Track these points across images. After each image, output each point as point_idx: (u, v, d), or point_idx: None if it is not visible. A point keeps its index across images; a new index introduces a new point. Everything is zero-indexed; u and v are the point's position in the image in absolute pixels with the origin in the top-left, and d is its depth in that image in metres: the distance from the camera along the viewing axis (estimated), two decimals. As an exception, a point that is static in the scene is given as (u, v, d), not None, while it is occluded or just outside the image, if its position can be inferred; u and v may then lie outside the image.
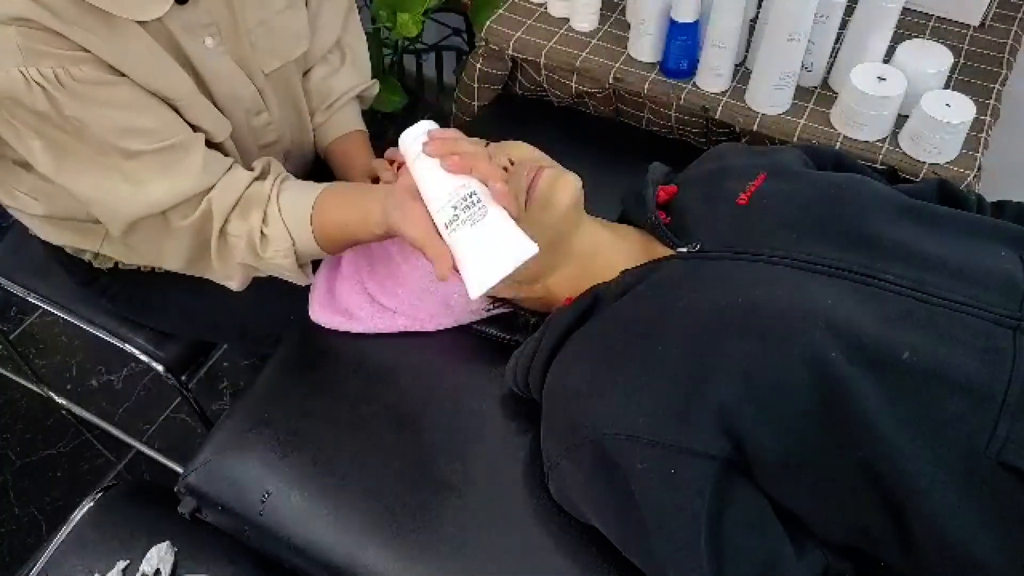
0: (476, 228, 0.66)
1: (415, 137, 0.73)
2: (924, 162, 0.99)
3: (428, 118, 0.76)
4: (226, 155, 0.86)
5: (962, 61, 1.12)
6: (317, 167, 1.09)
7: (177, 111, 0.80)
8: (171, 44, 0.79)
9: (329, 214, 0.80)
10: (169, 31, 0.78)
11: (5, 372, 1.66)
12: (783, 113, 1.06)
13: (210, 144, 0.84)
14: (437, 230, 0.69)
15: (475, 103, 1.28)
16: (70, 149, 0.75)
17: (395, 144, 0.95)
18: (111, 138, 0.74)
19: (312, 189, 0.83)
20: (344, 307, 0.92)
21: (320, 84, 1.02)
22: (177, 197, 0.79)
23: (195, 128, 0.82)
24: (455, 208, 0.67)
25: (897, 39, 1.08)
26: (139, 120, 0.76)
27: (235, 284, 0.88)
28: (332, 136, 1.04)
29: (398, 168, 0.89)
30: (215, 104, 0.85)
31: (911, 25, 1.18)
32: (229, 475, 0.82)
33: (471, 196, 0.67)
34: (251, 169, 0.85)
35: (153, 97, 0.77)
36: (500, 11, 1.22)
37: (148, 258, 0.89)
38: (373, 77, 1.10)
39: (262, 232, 0.81)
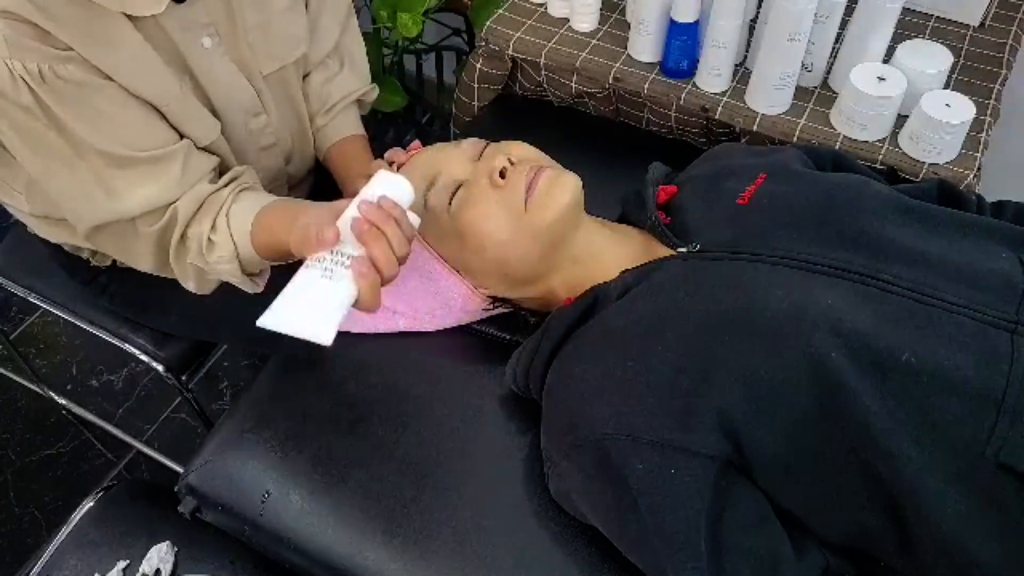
0: (319, 280, 0.66)
1: (382, 185, 0.71)
2: (924, 162, 0.99)
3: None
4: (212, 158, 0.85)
5: (962, 61, 1.12)
6: (320, 171, 1.09)
7: (164, 117, 0.79)
8: (166, 44, 0.78)
9: (265, 224, 0.80)
10: (165, 31, 0.77)
11: (5, 372, 1.66)
12: (783, 113, 1.06)
13: (196, 148, 0.83)
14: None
15: (475, 103, 1.28)
16: (49, 146, 0.75)
17: (395, 144, 0.95)
18: (91, 141, 0.74)
19: (262, 201, 0.82)
20: (344, 307, 0.92)
21: (319, 89, 1.02)
22: (147, 206, 0.79)
23: (180, 134, 0.81)
24: (332, 253, 0.67)
25: (897, 39, 1.08)
26: (121, 127, 0.75)
27: (192, 285, 0.87)
28: (331, 140, 1.04)
29: (398, 169, 0.89)
30: (212, 106, 0.85)
31: (911, 25, 1.18)
32: (229, 475, 0.82)
33: (348, 259, 0.67)
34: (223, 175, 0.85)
35: (138, 104, 0.77)
36: (500, 11, 1.22)
37: (118, 258, 0.89)
38: (373, 78, 1.10)
39: (209, 238, 0.81)
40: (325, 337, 0.64)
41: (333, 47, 1.02)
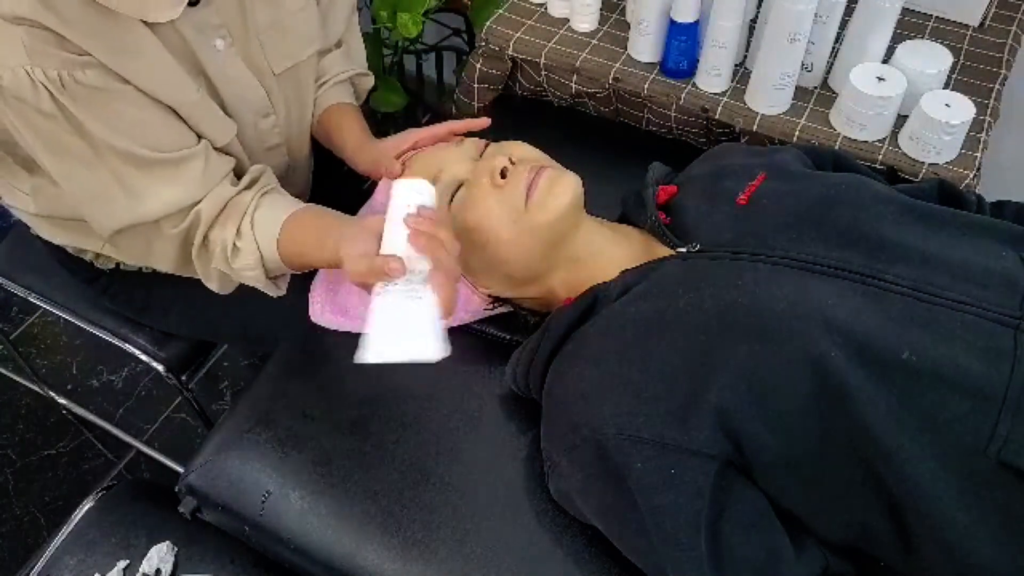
0: (404, 301, 0.66)
1: (408, 193, 0.71)
2: (924, 162, 0.99)
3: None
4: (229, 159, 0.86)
5: (962, 61, 1.12)
6: (318, 176, 1.10)
7: (181, 118, 0.80)
8: (182, 48, 0.78)
9: (293, 236, 0.80)
10: (181, 34, 0.77)
11: (5, 372, 1.66)
12: (783, 113, 1.06)
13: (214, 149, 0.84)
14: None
15: (475, 103, 1.28)
16: (70, 149, 0.75)
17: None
18: (111, 142, 0.74)
19: (287, 207, 0.82)
20: (344, 307, 0.92)
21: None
22: (170, 208, 0.79)
23: (198, 135, 0.82)
24: (401, 277, 0.67)
25: (897, 39, 1.08)
26: (141, 129, 0.76)
27: (215, 286, 0.88)
28: (321, 109, 1.03)
29: (402, 168, 0.89)
30: (225, 107, 0.85)
31: (911, 25, 1.18)
32: (229, 475, 0.82)
33: (420, 274, 0.67)
34: (243, 175, 0.85)
35: (157, 107, 0.77)
36: (500, 11, 1.22)
37: (137, 260, 0.89)
38: (374, 78, 1.10)
39: (234, 244, 0.81)
40: (435, 354, 0.64)
41: (336, 43, 1.03)
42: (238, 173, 0.87)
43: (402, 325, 0.66)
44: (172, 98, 0.78)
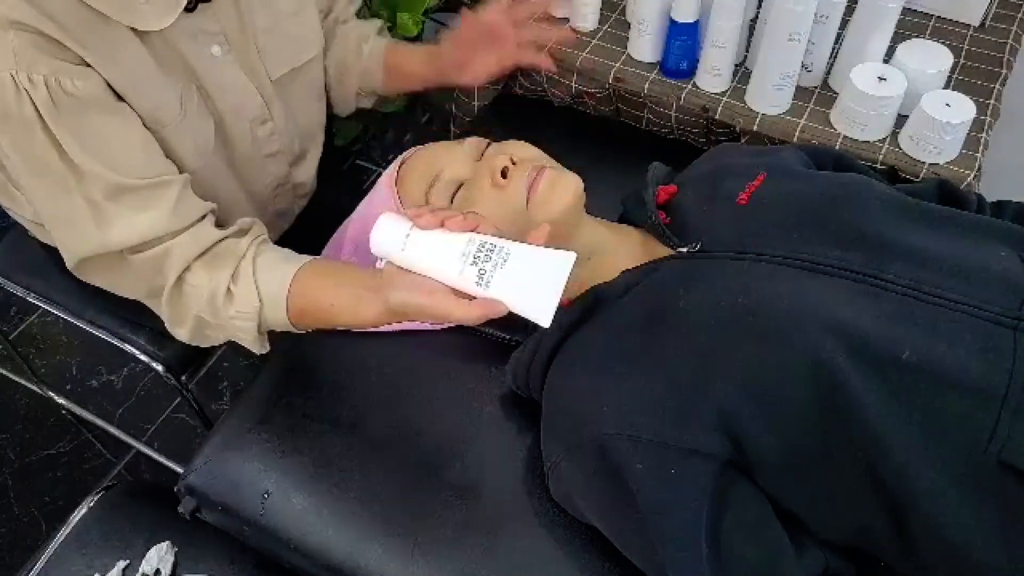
0: (508, 268, 0.65)
1: (387, 230, 0.69)
2: (924, 162, 0.99)
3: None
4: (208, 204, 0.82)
5: (962, 61, 1.12)
6: (321, 180, 1.10)
7: (160, 141, 0.78)
8: (172, 57, 0.77)
9: (312, 288, 0.77)
10: (172, 43, 0.76)
11: (5, 372, 1.66)
12: (783, 113, 1.06)
13: (184, 170, 0.81)
14: (455, 293, 0.67)
15: (475, 103, 1.28)
16: (48, 166, 0.72)
17: (395, 144, 0.95)
18: (83, 161, 0.72)
19: (295, 258, 0.80)
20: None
21: (351, 39, 1.05)
22: (136, 238, 0.75)
23: (173, 158, 0.79)
24: (476, 263, 0.65)
25: (897, 39, 1.08)
26: (118, 152, 0.74)
27: (183, 333, 0.82)
28: (379, 63, 1.06)
29: (401, 160, 0.89)
30: (219, 115, 0.84)
31: (911, 25, 1.18)
32: (229, 475, 0.82)
33: (483, 245, 0.66)
34: (228, 225, 0.82)
35: (139, 128, 0.75)
36: (500, 11, 1.21)
37: (104, 286, 0.85)
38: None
39: (228, 288, 0.77)
40: (568, 258, 0.65)
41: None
42: (223, 222, 0.83)
43: (531, 277, 0.65)
44: (153, 114, 0.76)
